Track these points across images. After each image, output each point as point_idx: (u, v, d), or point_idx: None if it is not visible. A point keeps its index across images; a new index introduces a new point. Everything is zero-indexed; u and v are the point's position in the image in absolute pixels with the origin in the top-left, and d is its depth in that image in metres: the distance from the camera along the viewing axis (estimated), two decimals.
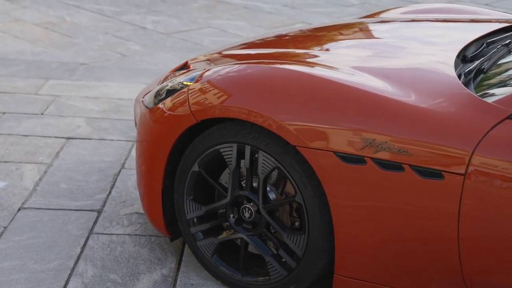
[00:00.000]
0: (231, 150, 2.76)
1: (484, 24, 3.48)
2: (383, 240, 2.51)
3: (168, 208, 2.99)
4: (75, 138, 4.23)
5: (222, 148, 2.78)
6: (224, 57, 3.31)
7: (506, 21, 3.60)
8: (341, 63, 2.83)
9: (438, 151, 2.38)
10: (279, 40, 3.56)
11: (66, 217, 3.39)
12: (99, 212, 3.45)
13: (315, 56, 3.00)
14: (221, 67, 2.89)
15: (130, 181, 3.75)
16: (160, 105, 2.96)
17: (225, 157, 2.79)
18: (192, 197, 2.90)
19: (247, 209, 2.80)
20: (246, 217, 2.81)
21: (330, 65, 2.79)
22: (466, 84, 2.60)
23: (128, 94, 4.96)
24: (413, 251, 2.48)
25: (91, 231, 3.28)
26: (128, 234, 3.27)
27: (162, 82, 3.39)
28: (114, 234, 3.27)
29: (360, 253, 2.57)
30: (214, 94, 2.77)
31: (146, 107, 3.06)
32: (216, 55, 3.40)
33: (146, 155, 3.00)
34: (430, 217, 2.42)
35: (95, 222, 3.36)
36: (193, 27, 6.74)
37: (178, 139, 2.86)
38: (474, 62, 2.84)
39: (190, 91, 2.85)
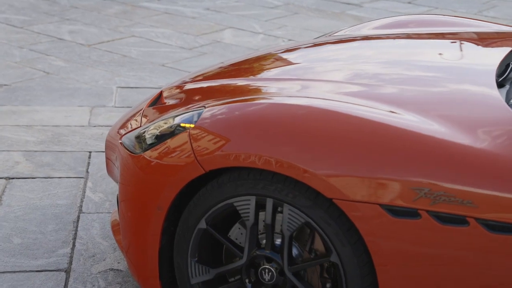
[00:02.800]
0: (248, 204, 2.35)
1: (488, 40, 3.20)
2: None
3: (164, 269, 2.55)
4: (17, 178, 3.69)
5: (237, 202, 2.36)
6: (208, 90, 2.88)
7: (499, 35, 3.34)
8: (366, 97, 2.46)
9: (510, 201, 2.05)
10: (259, 65, 3.16)
11: (29, 282, 2.87)
12: (67, 271, 2.95)
13: (332, 86, 2.61)
14: (226, 105, 2.46)
15: (93, 228, 3.26)
16: (152, 152, 2.50)
17: (240, 212, 2.37)
18: (197, 259, 2.47)
19: (266, 270, 2.39)
20: (266, 280, 2.40)
21: (360, 99, 2.42)
22: None
23: (64, 119, 4.42)
24: None
25: None
26: None
27: (134, 116, 2.94)
28: None
29: None
30: (225, 139, 2.34)
31: (132, 152, 2.60)
32: (194, 85, 2.96)
33: (136, 209, 2.54)
34: (500, 276, 2.09)
35: (65, 286, 2.86)
36: (116, 37, 6.21)
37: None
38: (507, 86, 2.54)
39: (192, 136, 2.41)
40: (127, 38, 6.19)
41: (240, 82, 2.87)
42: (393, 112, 2.30)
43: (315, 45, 3.33)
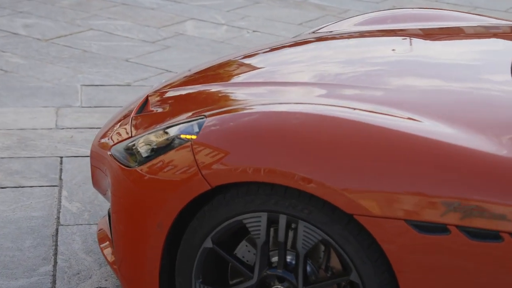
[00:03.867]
0: (259, 221, 2.18)
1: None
2: None
3: None
4: None
5: (247, 219, 2.19)
6: (197, 95, 2.69)
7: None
8: (385, 102, 2.31)
9: None
10: (251, 65, 2.99)
11: None
12: None
13: (342, 91, 2.45)
14: (231, 114, 2.28)
15: (75, 242, 3.05)
16: (150, 166, 2.31)
17: (250, 229, 2.20)
18: (201, 280, 2.29)
19: None
20: None
21: (378, 106, 2.26)
22: None
23: (29, 122, 4.17)
24: None
25: None
26: None
27: (121, 124, 2.74)
28: None
29: None
30: (234, 152, 2.17)
31: (124, 165, 2.41)
32: (181, 91, 2.77)
33: (132, 225, 2.36)
34: None
35: None
36: (74, 30, 5.94)
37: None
38: None
39: (195, 149, 2.22)
40: (85, 32, 5.93)
41: (233, 87, 2.69)
42: (412, 119, 2.16)
43: (299, 43, 3.17)
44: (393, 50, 2.91)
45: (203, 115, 2.34)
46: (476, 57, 2.78)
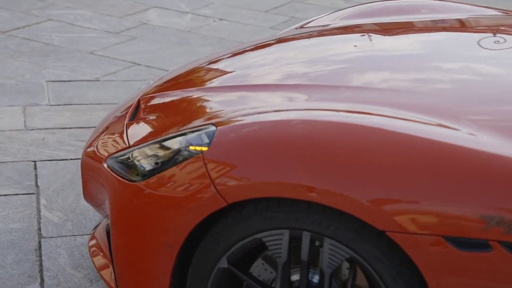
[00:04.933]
0: (281, 239, 2.02)
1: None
2: None
3: None
4: None
5: (267, 237, 2.03)
6: (195, 99, 2.51)
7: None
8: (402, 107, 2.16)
9: None
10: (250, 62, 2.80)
11: None
12: None
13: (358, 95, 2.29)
14: (245, 122, 2.10)
15: (61, 257, 2.84)
16: (155, 181, 2.13)
17: (270, 248, 2.04)
18: None
19: None
20: None
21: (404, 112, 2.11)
22: None
23: None
24: None
25: None
26: None
27: (113, 131, 2.54)
28: None
29: None
30: (252, 165, 2.00)
31: (125, 179, 2.21)
32: (175, 95, 2.58)
33: (136, 242, 2.18)
34: None
35: None
36: (31, 21, 5.64)
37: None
38: None
39: (207, 161, 2.04)
40: (44, 23, 5.64)
41: (236, 90, 2.51)
42: (444, 125, 2.01)
43: (291, 39, 3.01)
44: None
45: (212, 124, 2.16)
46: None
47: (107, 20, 5.78)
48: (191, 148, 2.11)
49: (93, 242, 2.59)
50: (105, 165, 2.33)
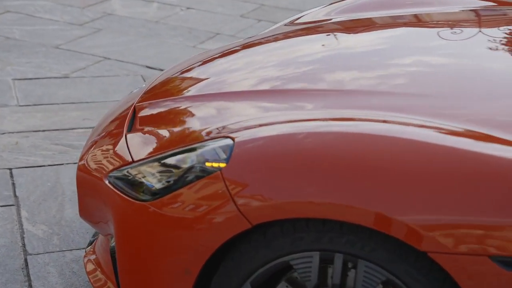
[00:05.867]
0: (310, 262, 1.87)
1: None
2: None
3: None
4: None
5: (295, 260, 1.87)
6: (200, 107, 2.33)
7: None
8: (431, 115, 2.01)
9: None
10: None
11: None
12: None
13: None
14: (269, 136, 1.92)
15: (50, 275, 2.64)
16: (167, 200, 1.95)
17: (299, 271, 1.88)
18: None
19: None
20: None
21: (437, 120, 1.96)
22: None
23: None
24: None
25: None
26: None
27: (108, 139, 2.34)
28: None
29: None
30: (277, 182, 1.83)
31: (131, 197, 2.03)
32: (184, 101, 2.40)
33: (149, 271, 1.99)
34: None
35: None
36: None
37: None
38: None
39: (227, 179, 1.87)
40: (2, 15, 5.36)
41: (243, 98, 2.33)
42: (479, 134, 1.88)
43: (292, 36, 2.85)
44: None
45: (227, 137, 1.99)
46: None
47: (69, 11, 5.52)
48: (207, 164, 1.94)
49: (91, 257, 2.40)
50: (106, 182, 2.15)
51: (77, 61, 4.57)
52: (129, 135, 2.27)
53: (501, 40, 2.61)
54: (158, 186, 2.01)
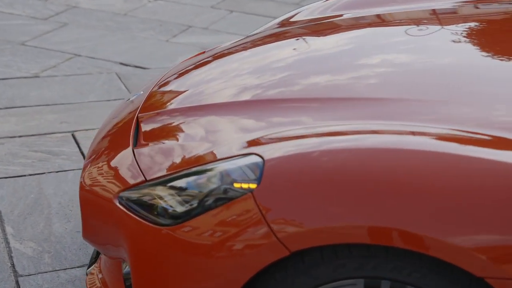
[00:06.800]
0: None
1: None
2: None
3: None
4: None
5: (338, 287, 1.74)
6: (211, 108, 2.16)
7: None
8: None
9: None
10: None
11: None
12: None
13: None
14: (303, 152, 1.77)
15: None
16: (192, 226, 1.78)
17: None
18: None
19: None
20: None
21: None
22: None
23: None
24: None
25: None
26: None
27: (112, 153, 2.17)
28: None
29: None
30: (319, 207, 1.68)
31: (148, 221, 1.86)
32: (193, 111, 2.21)
33: None
34: None
35: None
36: None
37: None
38: None
39: (261, 203, 1.71)
40: None
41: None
42: None
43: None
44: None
45: (254, 154, 1.83)
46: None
47: (31, 4, 5.27)
48: (236, 185, 1.77)
49: (95, 281, 2.22)
50: (117, 203, 1.97)
51: (47, 59, 4.35)
52: (136, 150, 2.10)
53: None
54: (179, 209, 1.84)
